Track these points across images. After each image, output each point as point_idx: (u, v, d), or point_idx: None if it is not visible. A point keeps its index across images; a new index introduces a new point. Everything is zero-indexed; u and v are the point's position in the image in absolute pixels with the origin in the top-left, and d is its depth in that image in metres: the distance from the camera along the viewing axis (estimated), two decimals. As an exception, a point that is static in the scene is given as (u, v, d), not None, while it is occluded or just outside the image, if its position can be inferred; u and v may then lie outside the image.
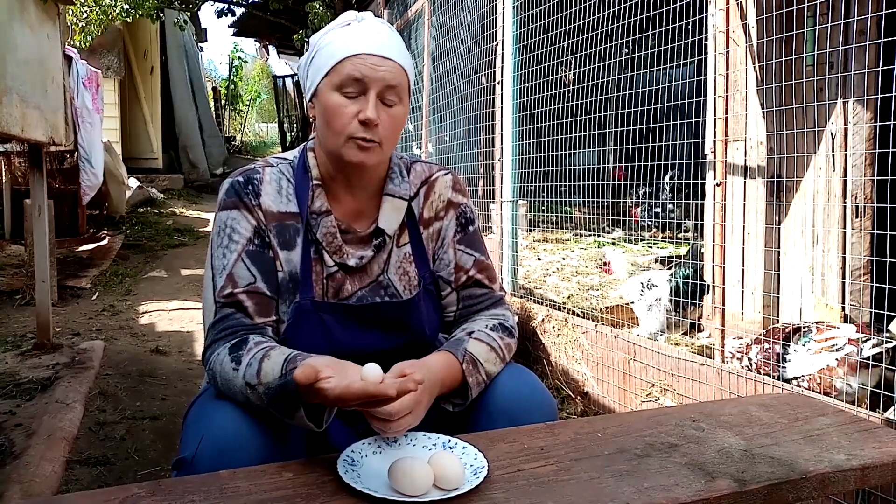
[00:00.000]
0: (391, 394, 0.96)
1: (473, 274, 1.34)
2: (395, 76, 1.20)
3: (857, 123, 2.47)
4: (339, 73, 1.19)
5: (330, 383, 0.96)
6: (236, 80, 22.25)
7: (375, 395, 0.95)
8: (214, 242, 1.23)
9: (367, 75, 1.18)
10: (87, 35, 7.57)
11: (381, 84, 1.19)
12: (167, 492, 0.93)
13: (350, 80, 1.18)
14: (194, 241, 7.15)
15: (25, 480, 1.96)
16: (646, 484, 0.96)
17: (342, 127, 1.19)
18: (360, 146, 1.19)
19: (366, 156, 1.20)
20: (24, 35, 2.77)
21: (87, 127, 5.47)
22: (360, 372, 0.99)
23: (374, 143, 1.20)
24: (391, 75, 1.19)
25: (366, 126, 1.18)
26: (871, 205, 2.47)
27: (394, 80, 1.20)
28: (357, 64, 1.18)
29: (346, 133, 1.19)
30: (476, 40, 4.07)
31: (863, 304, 2.47)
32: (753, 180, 2.99)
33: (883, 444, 1.11)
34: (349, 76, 1.18)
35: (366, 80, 1.18)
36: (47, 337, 3.31)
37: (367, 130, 1.18)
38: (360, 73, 1.18)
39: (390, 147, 1.25)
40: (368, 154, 1.20)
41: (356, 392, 0.95)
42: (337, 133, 1.20)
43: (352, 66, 1.18)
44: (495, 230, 3.65)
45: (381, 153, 1.22)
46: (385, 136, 1.21)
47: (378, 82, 1.18)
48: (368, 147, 1.20)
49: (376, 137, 1.19)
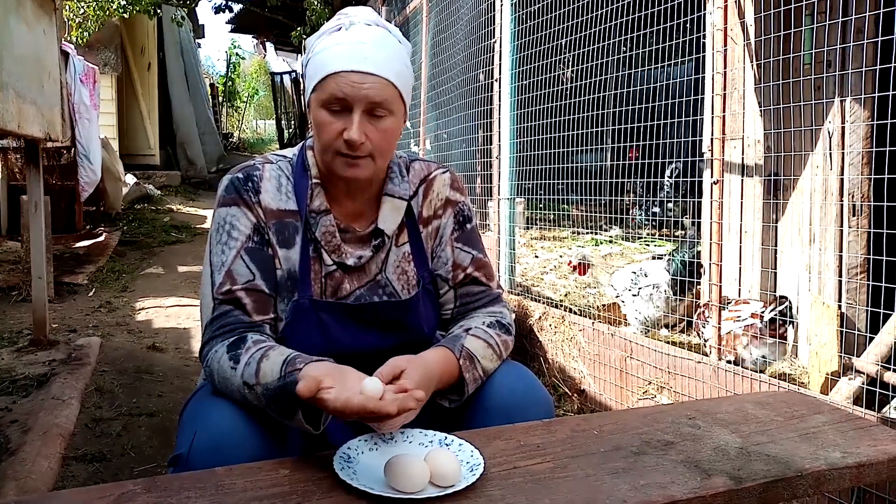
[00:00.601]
0: (391, 411, 0.96)
1: (471, 271, 1.34)
2: (379, 92, 1.16)
3: (854, 122, 2.47)
4: (324, 90, 1.17)
5: (330, 394, 0.97)
6: (234, 76, 22.21)
7: (375, 411, 0.96)
8: (213, 239, 1.23)
9: (349, 94, 1.15)
10: (84, 31, 7.56)
11: (365, 102, 1.16)
12: (163, 488, 0.93)
13: (333, 98, 1.16)
14: (191, 238, 7.14)
15: (21, 477, 1.96)
16: (642, 481, 0.96)
17: (329, 143, 1.19)
18: (348, 163, 1.19)
19: (355, 171, 1.19)
20: (20, 30, 2.75)
21: (84, 123, 5.45)
22: (361, 385, 0.99)
23: (362, 159, 1.19)
24: (375, 92, 1.16)
25: (350, 146, 1.17)
26: (867, 203, 2.47)
27: (378, 96, 1.16)
28: (339, 83, 1.15)
29: (333, 149, 1.19)
30: (474, 37, 4.06)
31: (859, 302, 2.47)
32: (751, 178, 2.99)
33: (878, 441, 1.12)
34: (332, 95, 1.16)
35: (348, 99, 1.16)
36: (43, 333, 3.30)
37: (352, 149, 1.17)
38: (343, 92, 1.16)
39: (384, 158, 1.23)
40: (358, 169, 1.19)
41: (356, 407, 0.96)
42: (325, 148, 1.20)
43: (335, 84, 1.16)
44: (493, 228, 3.65)
45: (374, 165, 1.21)
46: (377, 149, 1.19)
47: (361, 101, 1.16)
48: (356, 163, 1.19)
49: (364, 153, 1.18)
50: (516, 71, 3.50)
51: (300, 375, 1.01)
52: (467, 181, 4.39)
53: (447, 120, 4.73)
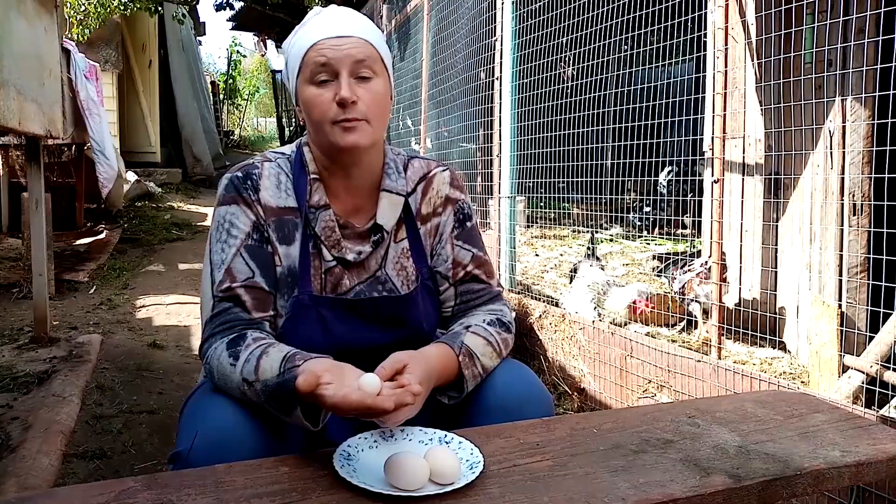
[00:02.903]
0: (388, 406, 0.97)
1: (471, 269, 1.34)
2: (360, 49, 1.19)
3: (855, 121, 2.47)
4: (308, 65, 1.20)
5: (328, 390, 0.97)
6: (235, 74, 22.20)
7: (372, 407, 0.96)
8: (213, 237, 1.23)
9: (332, 57, 1.18)
10: (84, 28, 7.54)
11: (349, 61, 1.18)
12: (163, 485, 0.93)
13: (317, 67, 1.19)
14: (192, 236, 7.13)
15: (22, 473, 1.97)
16: (641, 480, 0.97)
17: (322, 114, 1.19)
18: (345, 128, 1.19)
19: (355, 136, 1.19)
20: (20, 27, 2.76)
21: (95, 119, 5.41)
22: (359, 381, 0.99)
23: (358, 122, 1.19)
24: (356, 50, 1.19)
25: (344, 106, 1.18)
26: (868, 203, 2.47)
27: (360, 53, 1.19)
28: (320, 49, 1.18)
29: (328, 119, 1.19)
30: (475, 35, 4.06)
31: (859, 301, 2.47)
32: (751, 177, 2.99)
33: (877, 440, 1.12)
34: (316, 63, 1.18)
35: (332, 62, 1.18)
36: (44, 330, 3.31)
37: (346, 111, 1.18)
38: (325, 56, 1.18)
39: (379, 124, 1.24)
40: (357, 134, 1.19)
41: (353, 403, 0.96)
42: (320, 122, 1.20)
43: (316, 53, 1.19)
44: (493, 226, 3.65)
45: (372, 131, 1.21)
46: (369, 112, 1.20)
47: (345, 60, 1.18)
48: (354, 126, 1.19)
49: (359, 115, 1.19)
50: (517, 69, 3.50)
51: (299, 371, 1.01)
52: (468, 179, 4.39)
53: (448, 118, 4.73)
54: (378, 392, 0.98)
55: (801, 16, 2.45)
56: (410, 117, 5.70)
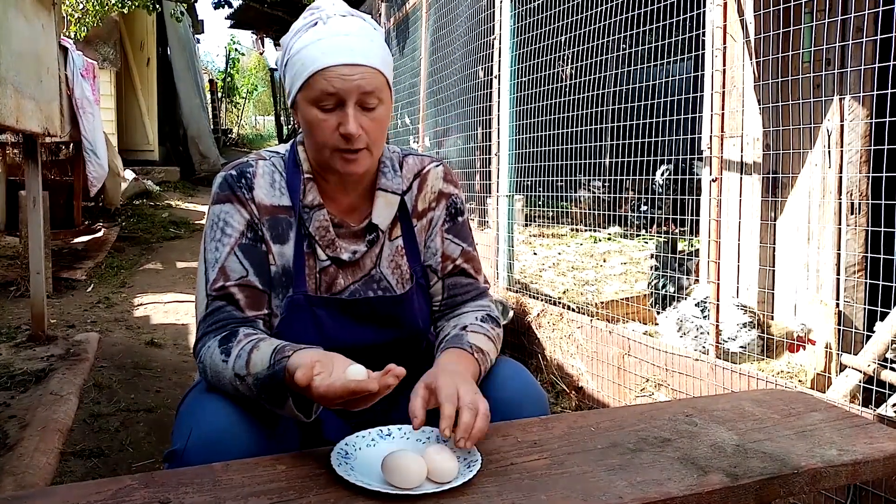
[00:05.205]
0: (373, 388, 0.95)
1: (460, 263, 1.34)
2: (369, 81, 1.16)
3: (853, 120, 2.47)
4: (313, 89, 1.16)
5: (315, 381, 0.97)
6: (233, 72, 22.15)
7: (356, 390, 0.95)
8: (207, 236, 1.23)
9: (341, 88, 1.15)
10: (82, 26, 7.52)
11: (357, 93, 1.16)
12: (161, 484, 0.93)
13: (324, 94, 1.16)
14: (190, 234, 7.13)
15: (19, 472, 1.96)
16: (638, 478, 0.97)
17: (325, 141, 1.18)
18: (346, 158, 1.19)
19: (353, 166, 1.20)
20: (18, 25, 2.75)
21: (88, 118, 5.40)
22: (346, 371, 0.98)
23: (359, 152, 1.19)
24: (365, 81, 1.16)
25: (348, 139, 1.17)
26: (866, 202, 2.47)
27: (369, 85, 1.16)
28: (329, 78, 1.15)
29: (330, 146, 1.18)
30: (474, 34, 4.06)
31: (857, 300, 2.47)
32: (749, 176, 2.99)
33: (874, 439, 1.12)
34: (323, 91, 1.15)
35: (340, 93, 1.15)
36: (42, 329, 3.30)
37: (350, 142, 1.17)
38: (334, 87, 1.15)
39: (379, 148, 1.24)
40: (357, 164, 1.20)
41: (338, 390, 0.95)
42: (321, 146, 1.19)
43: (324, 80, 1.15)
44: (491, 224, 3.65)
45: (370, 157, 1.22)
46: (372, 140, 1.19)
47: (353, 92, 1.15)
48: (354, 158, 1.19)
49: (361, 145, 1.18)
50: (516, 67, 3.50)
51: (291, 363, 1.01)
52: (466, 178, 4.39)
53: (446, 116, 4.73)
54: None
55: (799, 14, 2.45)
56: (409, 115, 5.70)
